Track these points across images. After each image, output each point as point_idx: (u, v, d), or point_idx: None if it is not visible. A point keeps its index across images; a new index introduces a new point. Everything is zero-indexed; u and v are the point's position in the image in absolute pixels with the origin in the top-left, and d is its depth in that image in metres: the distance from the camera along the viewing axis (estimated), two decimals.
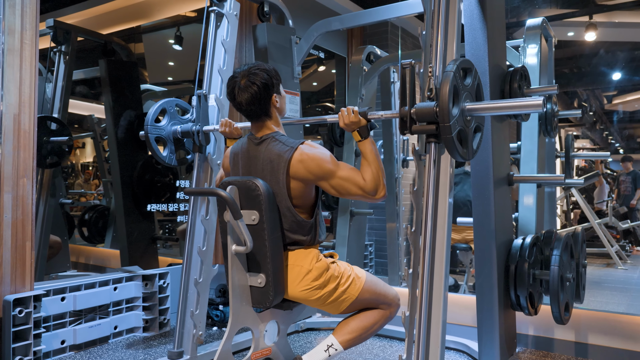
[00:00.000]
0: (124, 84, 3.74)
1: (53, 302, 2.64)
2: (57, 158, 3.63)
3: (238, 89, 1.86)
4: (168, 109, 2.53)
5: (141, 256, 3.73)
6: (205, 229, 2.52)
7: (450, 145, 1.63)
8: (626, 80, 8.45)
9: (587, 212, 6.46)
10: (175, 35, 5.03)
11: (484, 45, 2.22)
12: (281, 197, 1.86)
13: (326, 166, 1.82)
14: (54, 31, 3.63)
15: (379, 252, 5.22)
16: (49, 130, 3.54)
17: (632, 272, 5.84)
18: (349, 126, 1.87)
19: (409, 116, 1.71)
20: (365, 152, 1.86)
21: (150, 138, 2.46)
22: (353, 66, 3.88)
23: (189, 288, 2.52)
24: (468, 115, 1.69)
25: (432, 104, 1.63)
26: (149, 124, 2.45)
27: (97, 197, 6.19)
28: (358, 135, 1.88)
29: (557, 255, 2.26)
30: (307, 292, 1.89)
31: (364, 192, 1.82)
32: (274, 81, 1.90)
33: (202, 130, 2.46)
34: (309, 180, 1.85)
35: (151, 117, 2.47)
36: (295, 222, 1.87)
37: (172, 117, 2.55)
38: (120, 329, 2.98)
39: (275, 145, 1.87)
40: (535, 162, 2.96)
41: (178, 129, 2.53)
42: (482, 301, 2.37)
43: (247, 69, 1.87)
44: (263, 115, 1.91)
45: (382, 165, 1.87)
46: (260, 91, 1.85)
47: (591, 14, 5.35)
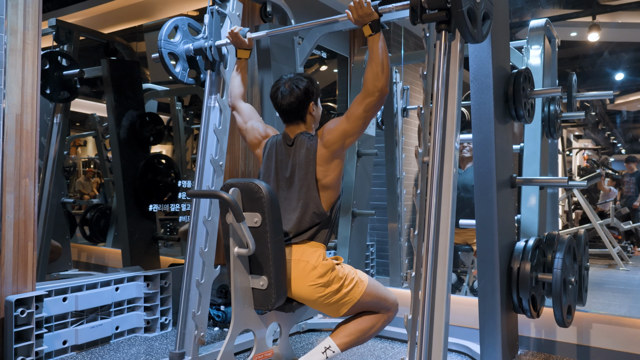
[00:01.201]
0: (126, 83, 3.74)
1: (55, 302, 2.63)
2: (69, 93, 3.69)
3: (281, 91, 1.98)
4: (180, 27, 2.59)
5: (143, 256, 3.72)
6: (207, 230, 2.51)
7: (461, 21, 1.69)
8: (629, 81, 8.44)
9: (589, 212, 6.45)
10: None
11: (488, 47, 2.21)
12: (309, 188, 1.93)
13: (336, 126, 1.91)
14: (56, 30, 3.63)
15: (380, 253, 5.21)
16: (60, 64, 3.59)
17: (633, 273, 5.82)
18: (362, 18, 1.90)
19: (419, 5, 1.78)
20: (373, 46, 1.88)
21: (164, 53, 2.51)
22: (355, 66, 3.87)
23: (190, 289, 2.52)
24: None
25: None
26: (162, 39, 2.50)
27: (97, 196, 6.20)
28: (369, 28, 1.90)
29: (560, 259, 2.25)
30: (312, 289, 1.88)
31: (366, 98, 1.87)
32: (314, 90, 2.02)
33: (214, 45, 2.51)
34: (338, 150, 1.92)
35: (164, 33, 2.52)
36: (316, 214, 1.93)
37: (185, 35, 2.60)
38: (121, 329, 2.97)
39: (303, 139, 1.98)
40: (538, 163, 2.95)
41: (191, 46, 2.58)
42: (484, 303, 2.37)
43: (293, 76, 2.02)
44: (298, 119, 2.02)
45: (388, 60, 1.88)
46: (301, 94, 1.97)
47: (594, 15, 5.33)
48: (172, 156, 4.97)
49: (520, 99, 2.31)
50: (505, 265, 2.36)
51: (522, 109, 2.32)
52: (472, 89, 2.28)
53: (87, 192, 6.23)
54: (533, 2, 5.39)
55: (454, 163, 1.83)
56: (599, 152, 10.68)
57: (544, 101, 2.98)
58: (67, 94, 3.71)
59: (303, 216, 1.93)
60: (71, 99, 3.78)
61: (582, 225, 7.11)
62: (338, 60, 5.38)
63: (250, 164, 3.97)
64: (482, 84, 2.26)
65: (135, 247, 3.69)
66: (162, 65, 2.50)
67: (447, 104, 1.83)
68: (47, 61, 3.52)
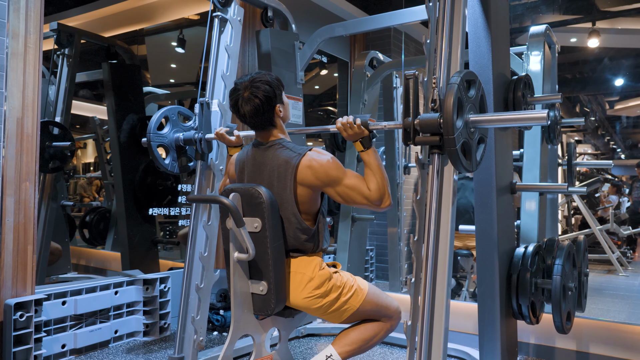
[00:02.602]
0: (127, 87, 3.75)
1: (54, 306, 2.63)
2: (60, 162, 3.63)
3: (242, 101, 1.87)
4: (170, 117, 2.53)
5: (142, 259, 3.72)
6: (207, 234, 2.51)
7: (454, 158, 1.63)
8: (629, 87, 8.46)
9: (589, 218, 6.45)
10: (178, 38, 5.05)
11: (488, 54, 2.22)
12: (287, 204, 1.86)
13: (333, 173, 1.83)
14: (58, 34, 3.63)
15: (379, 257, 5.21)
16: (52, 134, 3.55)
17: (633, 279, 5.82)
18: (351, 137, 1.87)
19: (412, 127, 1.71)
20: (368, 162, 1.86)
21: (153, 146, 2.47)
22: (356, 71, 3.88)
23: (190, 293, 2.51)
24: (472, 127, 1.70)
25: (436, 115, 1.63)
26: (151, 132, 2.45)
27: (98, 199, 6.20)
28: (360, 145, 1.88)
29: (560, 265, 2.25)
30: (308, 301, 1.88)
31: (369, 201, 1.83)
32: (276, 92, 1.91)
33: (204, 138, 2.46)
34: (316, 187, 1.85)
35: (154, 125, 2.47)
36: (300, 229, 1.87)
37: (175, 125, 2.55)
38: (120, 333, 2.97)
39: (282, 151, 1.88)
40: (537, 169, 2.96)
41: (180, 136, 2.53)
42: (483, 309, 2.37)
43: (248, 81, 1.88)
44: (268, 125, 1.93)
45: (386, 175, 1.87)
46: (262, 104, 1.86)
47: (594, 21, 5.35)
48: None
49: (520, 106, 2.31)
50: (504, 271, 2.36)
51: None
52: None
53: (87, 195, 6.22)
54: (533, 8, 5.41)
55: (453, 172, 1.83)
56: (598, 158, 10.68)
57: (543, 107, 2.98)
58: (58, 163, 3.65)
59: (287, 231, 1.88)
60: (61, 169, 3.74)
61: (582, 230, 7.12)
62: (338, 64, 5.40)
63: None
64: None
65: (135, 251, 3.69)
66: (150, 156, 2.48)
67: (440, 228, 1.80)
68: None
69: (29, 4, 2.44)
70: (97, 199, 6.10)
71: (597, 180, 6.91)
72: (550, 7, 5.45)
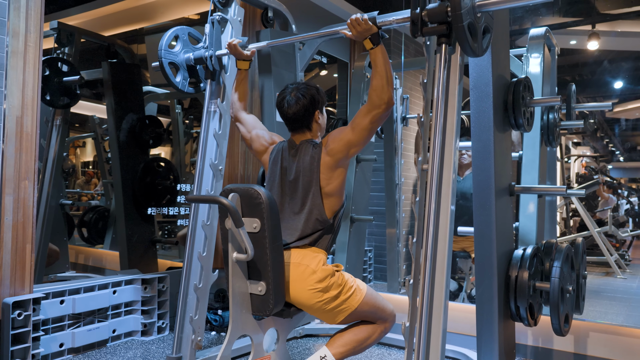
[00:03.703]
0: (127, 86, 3.74)
1: (52, 305, 2.63)
2: (69, 99, 3.69)
3: (287, 100, 2.02)
4: (181, 36, 2.59)
5: (141, 259, 3.72)
6: (205, 234, 2.51)
7: (461, 35, 1.69)
8: (628, 89, 8.48)
9: (587, 220, 6.45)
10: None
11: (488, 56, 2.22)
12: (313, 194, 1.97)
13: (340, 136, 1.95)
14: (58, 33, 3.63)
15: (378, 258, 5.21)
16: (60, 71, 3.59)
17: (631, 282, 5.83)
18: (360, 34, 1.92)
19: (420, 18, 1.77)
20: (376, 59, 1.90)
21: (164, 62, 2.51)
22: (355, 72, 3.88)
23: (188, 293, 2.52)
24: (478, 12, 1.76)
25: (444, 3, 1.70)
26: (162, 48, 2.50)
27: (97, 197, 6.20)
28: (370, 42, 1.92)
29: (558, 267, 2.26)
30: (310, 293, 1.89)
31: (372, 110, 1.90)
32: (319, 99, 2.06)
33: (215, 55, 2.50)
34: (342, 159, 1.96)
35: (165, 43, 2.52)
36: (319, 220, 1.96)
37: (185, 45, 2.60)
38: (118, 332, 2.97)
39: (307, 147, 2.02)
40: (536, 171, 2.96)
41: (191, 55, 2.58)
42: (481, 311, 2.37)
43: (298, 84, 2.05)
44: (304, 127, 2.05)
45: (391, 71, 1.91)
46: (307, 103, 2.01)
47: (594, 23, 5.35)
48: (171, 159, 4.97)
49: (519, 108, 2.31)
50: (503, 273, 2.36)
51: (521, 118, 2.33)
52: (471, 97, 2.29)
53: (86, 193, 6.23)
54: (533, 10, 5.41)
55: (453, 170, 1.84)
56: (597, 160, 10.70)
57: (543, 109, 2.99)
58: (67, 99, 3.72)
59: (306, 222, 1.96)
60: (71, 104, 3.79)
61: (580, 232, 7.13)
62: (338, 65, 5.39)
63: (249, 169, 3.97)
64: (482, 92, 2.27)
65: (134, 250, 3.69)
66: (162, 74, 2.51)
67: (447, 113, 1.84)
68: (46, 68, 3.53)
69: (29, 2, 2.43)
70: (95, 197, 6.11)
71: (596, 182, 6.91)
72: (550, 9, 5.46)
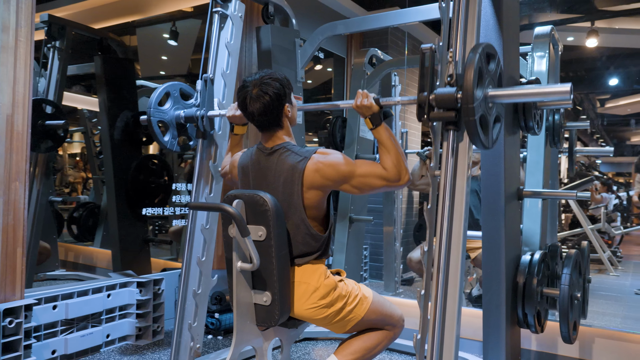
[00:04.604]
0: (120, 82, 3.63)
1: (44, 310, 2.53)
2: (52, 143, 3.52)
3: (250, 98, 1.80)
4: (172, 93, 2.46)
5: (134, 259, 3.62)
6: (204, 238, 2.43)
7: (472, 129, 1.57)
8: (620, 85, 8.50)
9: (580, 217, 6.45)
10: (171, 30, 4.92)
11: (500, 57, 2.15)
12: (295, 209, 1.79)
13: (343, 169, 1.76)
14: (49, 26, 3.50)
15: (373, 256, 5.16)
16: (44, 113, 3.44)
17: (624, 279, 5.86)
18: (360, 109, 1.81)
19: (427, 102, 1.66)
20: (380, 139, 1.79)
21: (153, 122, 2.38)
22: (355, 69, 3.80)
23: (187, 299, 2.43)
24: (490, 102, 1.65)
25: (453, 89, 1.58)
26: (152, 106, 2.37)
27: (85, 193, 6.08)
28: (370, 122, 1.82)
29: (568, 274, 2.21)
30: (313, 311, 1.82)
31: (388, 181, 1.76)
32: (286, 90, 1.84)
33: (206, 115, 2.39)
34: (328, 187, 1.79)
35: (154, 100, 2.39)
36: (309, 235, 1.81)
37: (176, 102, 2.47)
38: (112, 337, 2.88)
39: (288, 155, 1.81)
40: (541, 173, 2.91)
41: (181, 113, 2.45)
42: (489, 317, 2.32)
43: (259, 78, 1.81)
44: (275, 125, 1.85)
45: (401, 149, 1.80)
46: (272, 101, 1.79)
47: (593, 20, 5.31)
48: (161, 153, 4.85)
49: (530, 110, 2.25)
50: (510, 279, 2.31)
51: (532, 120, 2.27)
52: None
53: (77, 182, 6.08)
54: (531, 5, 5.35)
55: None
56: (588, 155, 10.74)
57: (548, 111, 2.93)
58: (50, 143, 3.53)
59: (295, 237, 1.81)
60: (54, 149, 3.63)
61: (572, 229, 7.14)
62: (334, 60, 5.32)
63: None
64: None
65: (127, 250, 3.59)
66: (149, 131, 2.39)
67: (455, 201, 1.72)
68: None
69: None
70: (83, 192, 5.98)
71: (590, 179, 6.92)
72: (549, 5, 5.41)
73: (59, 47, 3.52)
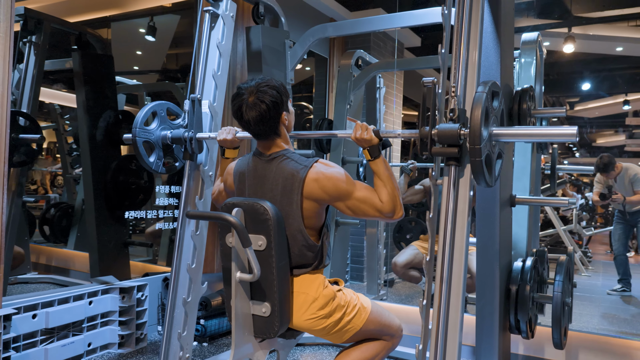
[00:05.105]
0: (99, 79, 3.49)
1: (24, 320, 2.42)
2: (26, 157, 3.33)
3: (246, 107, 1.73)
4: (158, 112, 2.35)
5: (113, 263, 3.50)
6: (195, 244, 2.36)
7: (478, 170, 1.55)
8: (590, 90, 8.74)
9: (553, 217, 6.59)
10: (148, 25, 4.79)
11: (497, 65, 2.15)
12: (293, 219, 1.75)
13: (343, 186, 1.72)
14: (25, 20, 3.33)
15: (354, 258, 5.15)
16: (18, 126, 3.27)
17: (595, 279, 6.02)
18: (359, 141, 1.78)
19: (429, 137, 1.63)
20: (378, 171, 1.77)
21: (138, 142, 2.27)
22: (342, 71, 3.76)
23: (175, 307, 2.36)
24: (494, 140, 1.63)
25: (456, 125, 1.56)
26: (137, 126, 2.26)
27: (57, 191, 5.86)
28: (368, 154, 1.79)
29: (560, 281, 2.23)
30: (312, 322, 1.78)
31: (381, 213, 1.73)
32: (283, 98, 1.79)
33: (195, 137, 2.30)
34: (323, 201, 1.75)
35: (140, 120, 2.28)
36: (305, 246, 1.77)
37: (162, 121, 2.36)
38: (94, 345, 2.77)
39: (287, 163, 1.76)
40: (528, 179, 2.93)
41: (168, 134, 2.34)
42: (482, 324, 2.32)
43: (254, 85, 1.75)
44: (272, 134, 1.79)
45: (397, 184, 1.79)
46: (269, 110, 1.73)
47: (570, 26, 5.42)
48: None
49: (525, 119, 2.26)
50: (503, 285, 2.32)
51: None
52: None
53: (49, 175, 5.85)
54: None
55: (469, 182, 1.75)
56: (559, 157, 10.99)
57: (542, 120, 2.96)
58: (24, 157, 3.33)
59: (292, 248, 1.77)
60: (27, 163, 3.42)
61: (545, 230, 7.29)
62: (316, 59, 5.28)
63: None
64: None
65: (106, 254, 3.46)
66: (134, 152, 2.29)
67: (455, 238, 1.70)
68: None
69: None
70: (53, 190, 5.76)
71: (563, 181, 7.07)
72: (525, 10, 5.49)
73: (35, 42, 3.37)
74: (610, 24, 5.78)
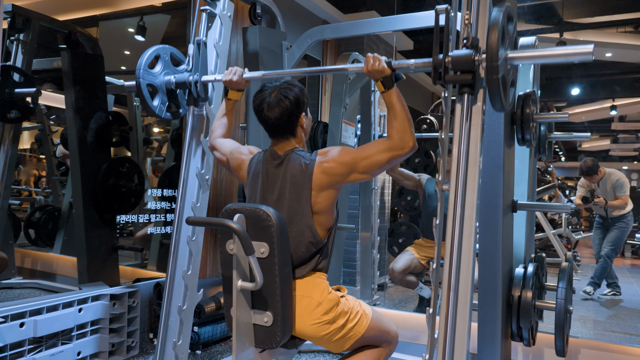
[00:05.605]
0: (89, 79, 3.40)
1: (11, 329, 2.32)
2: (20, 113, 3.24)
3: (269, 101, 1.75)
4: (162, 56, 2.30)
5: (102, 268, 3.40)
6: (190, 250, 2.29)
7: (495, 91, 1.52)
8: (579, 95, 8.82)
9: (543, 222, 6.61)
10: (138, 25, 4.70)
11: None
12: (302, 215, 1.74)
13: (346, 159, 1.72)
14: (12, 17, 3.23)
15: (347, 262, 5.11)
16: (13, 81, 3.17)
17: (583, 283, 6.03)
18: (372, 74, 1.75)
19: (443, 65, 1.60)
20: (390, 102, 1.73)
21: (142, 84, 2.22)
22: (337, 74, 3.71)
23: (170, 315, 2.29)
24: (509, 64, 1.61)
25: (470, 51, 1.53)
26: (141, 68, 2.21)
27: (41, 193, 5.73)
28: (382, 85, 1.75)
29: (563, 288, 2.21)
30: (316, 327, 1.74)
31: (392, 150, 1.70)
32: (305, 99, 1.81)
33: (200, 80, 2.25)
34: (338, 182, 1.74)
35: (144, 62, 2.22)
36: (312, 242, 1.75)
37: (166, 66, 2.32)
38: (83, 354, 2.68)
39: (297, 159, 1.77)
40: (526, 183, 2.91)
41: (172, 78, 2.30)
42: (484, 332, 2.29)
43: (278, 84, 1.78)
44: (289, 133, 1.81)
45: (409, 116, 1.74)
46: (291, 106, 1.75)
47: (561, 32, 5.45)
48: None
49: (528, 123, 2.24)
50: (505, 292, 2.29)
51: (529, 133, 2.26)
52: None
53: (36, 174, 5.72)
54: None
55: (477, 193, 1.72)
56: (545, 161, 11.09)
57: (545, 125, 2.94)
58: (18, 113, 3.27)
59: (298, 246, 1.76)
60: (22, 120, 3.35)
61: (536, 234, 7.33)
62: (308, 62, 5.23)
63: (222, 171, 3.74)
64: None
65: (95, 259, 3.36)
66: (138, 97, 2.23)
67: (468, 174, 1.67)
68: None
69: None
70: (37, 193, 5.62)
71: (553, 185, 7.11)
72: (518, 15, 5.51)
73: (23, 41, 3.26)
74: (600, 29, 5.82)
